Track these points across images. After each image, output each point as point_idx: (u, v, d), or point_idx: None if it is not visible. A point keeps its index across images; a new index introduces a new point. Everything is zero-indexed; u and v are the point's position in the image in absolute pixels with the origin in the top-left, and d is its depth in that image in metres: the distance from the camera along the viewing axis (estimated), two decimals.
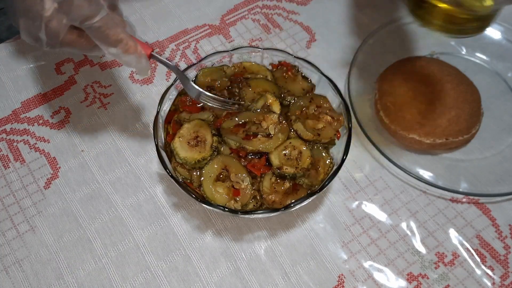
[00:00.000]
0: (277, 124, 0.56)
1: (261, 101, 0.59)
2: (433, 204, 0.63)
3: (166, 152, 0.57)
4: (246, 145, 0.55)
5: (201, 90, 0.57)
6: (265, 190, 0.54)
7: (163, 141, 0.59)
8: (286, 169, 0.54)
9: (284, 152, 0.56)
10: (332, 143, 0.59)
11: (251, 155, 0.56)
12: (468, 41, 0.76)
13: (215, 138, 0.56)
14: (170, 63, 0.54)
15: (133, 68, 0.51)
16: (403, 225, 0.62)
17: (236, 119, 0.57)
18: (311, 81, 0.63)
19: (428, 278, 0.58)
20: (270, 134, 0.56)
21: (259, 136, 0.56)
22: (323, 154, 0.58)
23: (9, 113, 0.70)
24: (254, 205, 0.55)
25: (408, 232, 0.61)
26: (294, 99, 0.60)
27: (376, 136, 0.67)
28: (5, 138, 0.68)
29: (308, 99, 0.59)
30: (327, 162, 0.57)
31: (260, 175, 0.55)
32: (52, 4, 0.44)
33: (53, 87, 0.72)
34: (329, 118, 0.58)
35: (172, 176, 0.54)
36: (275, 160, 0.55)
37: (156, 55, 0.53)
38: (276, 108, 0.58)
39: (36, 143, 0.68)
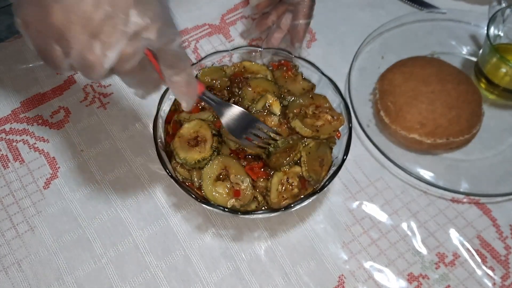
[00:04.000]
0: (277, 126, 0.56)
1: (261, 101, 0.58)
2: (433, 204, 0.63)
3: (166, 152, 0.57)
4: (246, 147, 0.55)
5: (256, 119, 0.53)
6: (273, 201, 0.54)
7: (163, 141, 0.58)
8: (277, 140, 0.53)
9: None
10: (332, 141, 0.59)
11: (250, 156, 0.56)
12: (469, 41, 0.76)
13: (215, 138, 0.56)
14: (219, 102, 0.52)
15: (181, 99, 0.46)
16: (404, 225, 0.62)
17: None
18: (311, 81, 0.63)
19: (428, 278, 0.58)
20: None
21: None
22: (327, 152, 0.57)
23: (9, 112, 0.70)
24: (256, 206, 0.54)
25: (409, 233, 0.61)
26: (294, 98, 0.60)
27: (376, 136, 0.67)
28: (5, 138, 0.68)
29: (308, 98, 0.59)
30: (330, 162, 0.57)
31: (256, 178, 0.54)
32: (141, 20, 0.35)
33: (52, 87, 0.72)
34: (329, 117, 0.58)
35: (172, 176, 0.54)
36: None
37: (208, 93, 0.50)
38: (277, 108, 0.58)
39: (35, 143, 0.68)
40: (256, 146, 0.54)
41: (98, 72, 0.37)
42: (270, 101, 0.58)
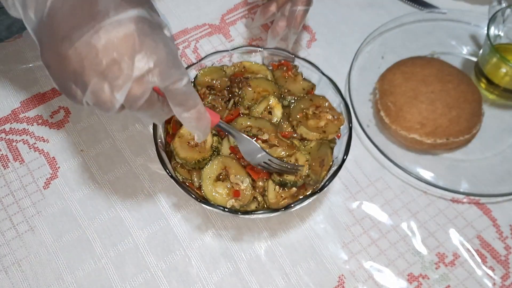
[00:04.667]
0: (274, 138, 0.56)
1: (263, 103, 0.58)
2: (433, 204, 0.63)
3: (166, 152, 0.57)
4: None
5: (266, 152, 0.53)
6: (271, 202, 0.54)
7: (163, 141, 0.58)
8: (287, 176, 0.54)
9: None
10: (332, 141, 0.59)
11: None
12: (469, 41, 0.76)
13: (215, 138, 0.56)
14: (235, 133, 0.53)
15: (194, 133, 0.48)
16: (404, 225, 0.62)
17: (250, 123, 0.56)
18: (311, 81, 0.63)
19: (428, 278, 0.58)
20: (266, 140, 0.56)
21: (258, 141, 0.55)
22: (328, 153, 0.57)
23: (9, 112, 0.70)
24: (256, 206, 0.54)
25: (409, 233, 0.61)
26: (294, 99, 0.60)
27: (376, 136, 0.67)
28: (4, 138, 0.68)
29: (307, 100, 0.59)
30: (330, 162, 0.57)
31: (257, 178, 0.54)
32: (145, 64, 0.39)
33: (52, 87, 0.72)
34: (329, 116, 0.58)
35: (172, 176, 0.54)
36: None
37: (222, 124, 0.51)
38: (278, 111, 0.58)
39: (35, 143, 0.68)
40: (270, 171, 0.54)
41: (109, 110, 0.40)
42: (272, 104, 0.58)
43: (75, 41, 0.38)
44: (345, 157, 0.55)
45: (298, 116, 0.58)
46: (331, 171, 0.56)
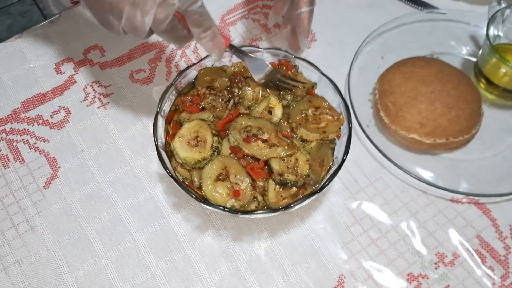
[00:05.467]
0: (274, 137, 0.56)
1: (263, 103, 0.59)
2: (433, 204, 0.63)
3: (166, 152, 0.57)
4: (243, 147, 0.55)
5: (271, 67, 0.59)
6: (271, 201, 0.54)
7: (163, 141, 0.58)
8: (287, 176, 0.54)
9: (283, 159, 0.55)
10: (332, 141, 0.59)
11: (248, 156, 0.56)
12: (468, 41, 0.76)
13: (215, 138, 0.56)
14: (246, 52, 0.59)
15: (211, 53, 0.57)
16: (403, 225, 0.62)
17: (250, 123, 0.57)
18: (311, 81, 0.63)
19: (428, 278, 0.58)
20: (266, 139, 0.56)
21: (258, 141, 0.56)
22: (329, 153, 0.57)
23: (9, 112, 0.70)
24: (256, 206, 0.55)
25: (408, 232, 0.61)
26: (293, 99, 0.60)
27: (376, 136, 0.67)
28: (5, 138, 0.68)
29: (306, 101, 0.59)
30: (330, 163, 0.57)
31: (257, 178, 0.55)
32: None
33: (53, 87, 0.72)
34: (329, 117, 0.58)
35: (172, 176, 0.54)
36: (275, 166, 0.54)
37: (234, 45, 0.58)
38: (279, 111, 0.58)
39: (35, 143, 0.68)
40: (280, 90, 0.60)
41: (141, 33, 0.49)
42: (273, 104, 0.58)
43: None
44: (345, 157, 0.55)
45: (297, 118, 0.58)
46: (331, 171, 0.56)
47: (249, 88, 0.60)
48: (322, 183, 0.55)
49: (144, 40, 0.56)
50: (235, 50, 0.59)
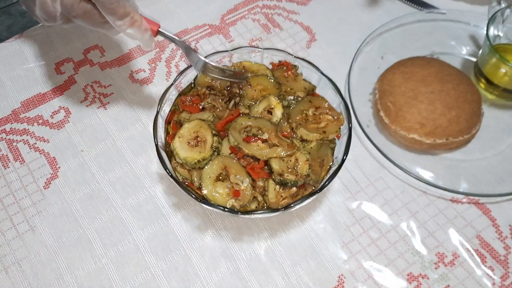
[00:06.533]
0: (274, 137, 0.56)
1: (263, 103, 0.59)
2: (433, 204, 0.63)
3: (166, 152, 0.57)
4: (243, 147, 0.55)
5: (206, 60, 0.56)
6: (271, 201, 0.54)
7: (163, 141, 0.58)
8: (287, 176, 0.54)
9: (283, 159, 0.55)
10: (332, 141, 0.59)
11: (248, 156, 0.56)
12: (468, 41, 0.76)
13: (215, 138, 0.56)
14: (176, 38, 0.56)
15: (138, 41, 0.54)
16: (403, 225, 0.62)
17: (250, 123, 0.57)
18: (311, 83, 0.63)
19: (428, 278, 0.58)
20: (266, 139, 0.56)
21: (258, 141, 0.56)
22: (329, 153, 0.57)
23: (9, 113, 0.70)
24: (256, 206, 0.55)
25: (408, 232, 0.61)
26: (294, 99, 0.60)
27: (376, 136, 0.67)
28: (5, 138, 0.68)
29: (306, 102, 0.59)
30: (330, 163, 0.57)
31: (257, 178, 0.54)
32: None
33: (53, 87, 0.72)
34: (329, 117, 0.58)
35: (172, 176, 0.54)
36: (275, 166, 0.54)
37: (163, 31, 0.55)
38: (279, 111, 0.58)
39: (35, 143, 0.68)
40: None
41: (55, 19, 0.50)
42: (273, 104, 0.58)
43: None
44: (344, 157, 0.55)
45: (297, 118, 0.58)
46: (331, 171, 0.56)
47: (249, 87, 0.60)
48: (322, 183, 0.55)
49: (65, 26, 0.55)
50: (166, 37, 0.56)
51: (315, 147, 0.57)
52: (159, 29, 0.55)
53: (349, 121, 0.58)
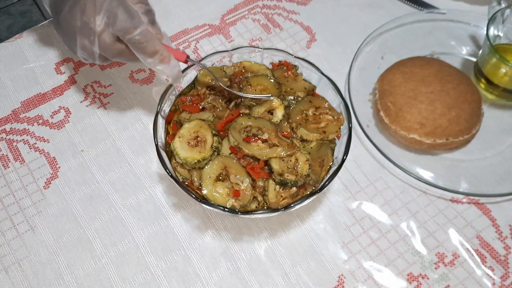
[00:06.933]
0: (274, 137, 0.56)
1: (265, 104, 0.59)
2: (433, 204, 0.63)
3: (166, 152, 0.57)
4: (243, 147, 0.55)
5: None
6: (271, 201, 0.54)
7: (163, 141, 0.58)
8: (287, 176, 0.54)
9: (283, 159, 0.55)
10: (332, 141, 0.59)
11: (248, 156, 0.56)
12: (468, 41, 0.76)
13: (215, 138, 0.56)
14: (205, 65, 0.59)
15: (167, 75, 0.58)
16: (403, 225, 0.62)
17: (250, 123, 0.57)
18: (311, 83, 0.63)
19: (428, 278, 0.58)
20: (266, 139, 0.56)
21: (258, 141, 0.56)
22: (329, 153, 0.57)
23: (9, 112, 0.70)
24: (256, 206, 0.55)
25: (408, 233, 0.61)
26: (293, 98, 0.60)
27: (376, 136, 0.67)
28: (5, 138, 0.68)
29: (306, 102, 0.59)
30: (330, 163, 0.57)
31: (257, 178, 0.54)
32: (102, 20, 0.53)
33: (53, 87, 0.72)
34: (329, 117, 0.58)
35: (172, 176, 0.54)
36: (275, 166, 0.54)
37: (191, 59, 0.58)
38: (280, 112, 0.58)
39: (35, 143, 0.68)
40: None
41: (95, 59, 0.57)
42: (275, 105, 0.58)
43: (61, 11, 0.55)
44: (344, 157, 0.55)
45: (297, 118, 0.58)
46: (331, 171, 0.56)
47: (250, 87, 0.60)
48: (322, 183, 0.55)
49: (104, 63, 0.60)
50: (194, 63, 0.58)
51: (315, 147, 0.57)
52: (187, 58, 0.58)
53: (349, 121, 0.58)
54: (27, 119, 0.70)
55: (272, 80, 0.61)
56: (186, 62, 0.58)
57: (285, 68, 0.63)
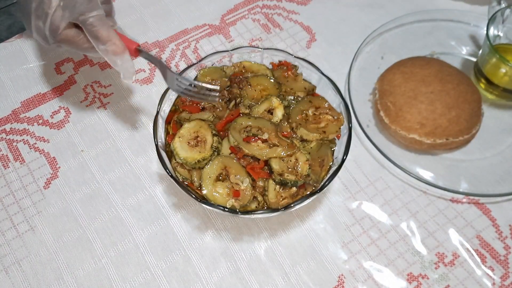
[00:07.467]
0: (274, 137, 0.56)
1: (265, 104, 0.59)
2: (433, 204, 0.63)
3: (166, 152, 0.57)
4: (243, 147, 0.55)
5: (177, 75, 0.56)
6: (271, 201, 0.54)
7: (163, 141, 0.58)
8: (287, 176, 0.54)
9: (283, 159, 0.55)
10: (332, 142, 0.59)
11: (248, 156, 0.56)
12: (468, 41, 0.76)
13: (215, 138, 0.56)
14: (154, 56, 0.57)
15: (119, 69, 0.55)
16: (403, 225, 0.62)
17: (250, 123, 0.57)
18: (311, 83, 0.63)
19: (428, 278, 0.58)
20: (266, 139, 0.56)
21: (258, 141, 0.56)
22: (329, 153, 0.57)
23: (9, 112, 0.70)
24: (256, 206, 0.55)
25: (408, 232, 0.61)
26: (293, 98, 0.60)
27: (376, 136, 0.67)
28: (5, 138, 0.68)
29: (306, 102, 0.59)
30: (330, 163, 0.57)
31: (257, 178, 0.54)
32: (56, 2, 0.51)
33: (53, 87, 0.72)
34: (329, 117, 0.58)
35: (172, 176, 0.54)
36: (275, 166, 0.54)
37: (142, 49, 0.56)
38: (280, 112, 0.58)
39: (35, 143, 0.68)
40: (195, 97, 0.56)
41: (47, 42, 0.55)
42: (274, 105, 0.58)
43: None
44: (344, 157, 0.55)
45: (297, 118, 0.58)
46: (331, 171, 0.56)
47: (250, 87, 0.60)
48: (322, 183, 0.55)
49: (60, 49, 0.58)
50: (146, 56, 0.56)
51: (315, 147, 0.57)
52: (138, 48, 0.56)
53: (349, 121, 0.58)
54: (27, 119, 0.70)
55: (272, 80, 0.61)
56: (136, 52, 0.56)
57: (285, 68, 0.63)
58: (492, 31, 0.67)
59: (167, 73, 0.56)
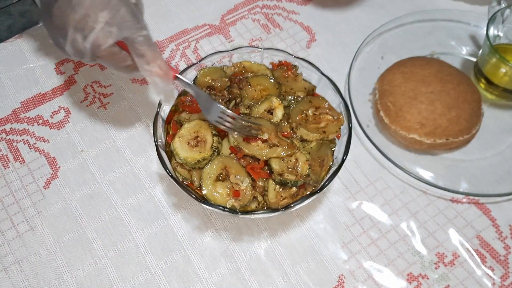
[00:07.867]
0: (274, 137, 0.56)
1: (265, 104, 0.59)
2: (433, 204, 0.63)
3: (166, 152, 0.57)
4: (243, 147, 0.55)
5: (223, 108, 0.55)
6: (271, 201, 0.54)
7: (163, 141, 0.58)
8: (287, 176, 0.54)
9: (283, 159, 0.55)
10: (332, 142, 0.59)
11: (248, 156, 0.56)
12: (468, 41, 0.76)
13: (215, 138, 0.56)
14: (193, 85, 0.56)
15: (159, 91, 0.54)
16: (403, 225, 0.62)
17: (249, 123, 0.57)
18: (311, 83, 0.63)
19: (428, 278, 0.58)
20: (266, 139, 0.56)
21: (258, 141, 0.56)
22: (329, 153, 0.57)
23: (9, 113, 0.70)
24: (256, 206, 0.55)
25: (408, 233, 0.61)
26: (293, 98, 0.60)
27: (376, 136, 0.67)
28: (5, 138, 0.68)
29: (306, 102, 0.59)
30: (330, 163, 0.57)
31: (257, 178, 0.54)
32: (104, 17, 0.49)
33: (53, 87, 0.72)
34: (329, 117, 0.58)
35: (172, 176, 0.54)
36: (275, 166, 0.54)
37: (181, 77, 0.55)
38: (280, 112, 0.58)
39: (35, 143, 0.68)
40: (226, 128, 0.56)
41: (83, 57, 0.52)
42: (274, 105, 0.58)
43: (57, 0, 0.50)
44: (344, 157, 0.55)
45: (297, 118, 0.58)
46: (331, 171, 0.56)
47: (250, 87, 0.60)
48: (322, 183, 0.55)
49: (91, 63, 0.58)
50: (183, 83, 0.55)
51: (315, 147, 0.57)
52: (177, 75, 0.54)
53: (349, 121, 0.58)
54: (27, 119, 0.70)
55: (272, 80, 0.61)
56: (174, 78, 0.55)
57: (285, 68, 0.63)
58: (492, 31, 0.67)
59: (213, 105, 0.55)
